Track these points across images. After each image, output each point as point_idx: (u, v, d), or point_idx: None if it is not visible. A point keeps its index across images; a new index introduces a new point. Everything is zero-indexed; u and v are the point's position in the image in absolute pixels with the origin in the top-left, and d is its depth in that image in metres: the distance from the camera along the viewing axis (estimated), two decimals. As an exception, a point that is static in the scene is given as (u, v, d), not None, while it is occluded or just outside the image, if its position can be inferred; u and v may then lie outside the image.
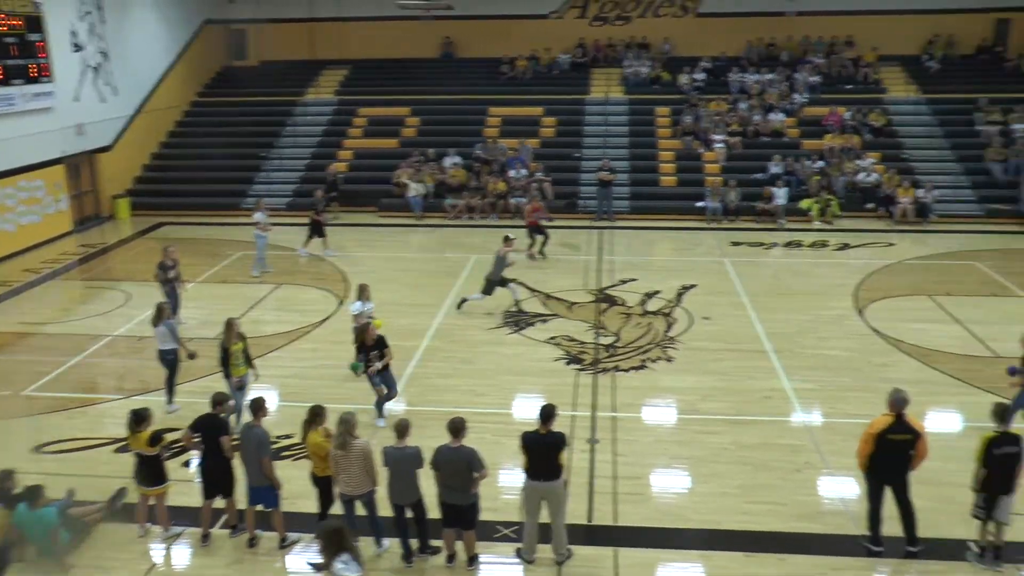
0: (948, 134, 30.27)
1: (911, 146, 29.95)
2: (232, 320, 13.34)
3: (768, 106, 31.27)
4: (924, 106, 31.61)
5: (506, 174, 28.36)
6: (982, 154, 28.97)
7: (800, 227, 26.25)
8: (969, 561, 10.09)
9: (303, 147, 31.55)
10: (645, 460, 12.51)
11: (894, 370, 15.52)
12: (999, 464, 9.72)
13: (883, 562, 10.16)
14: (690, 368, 15.78)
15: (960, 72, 33.28)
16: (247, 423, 10.43)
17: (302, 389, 14.57)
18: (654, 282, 20.60)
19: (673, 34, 34.85)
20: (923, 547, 10.20)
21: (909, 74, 33.11)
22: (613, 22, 35.30)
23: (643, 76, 33.27)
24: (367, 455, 9.84)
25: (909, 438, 9.78)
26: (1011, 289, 20.23)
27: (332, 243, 23.51)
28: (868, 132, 30.06)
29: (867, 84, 32.65)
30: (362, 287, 15.45)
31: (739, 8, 33.87)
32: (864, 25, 33.83)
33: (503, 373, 15.57)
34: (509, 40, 34.58)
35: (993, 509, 9.88)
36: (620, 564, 10.15)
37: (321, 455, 10.12)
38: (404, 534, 10.09)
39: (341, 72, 35.22)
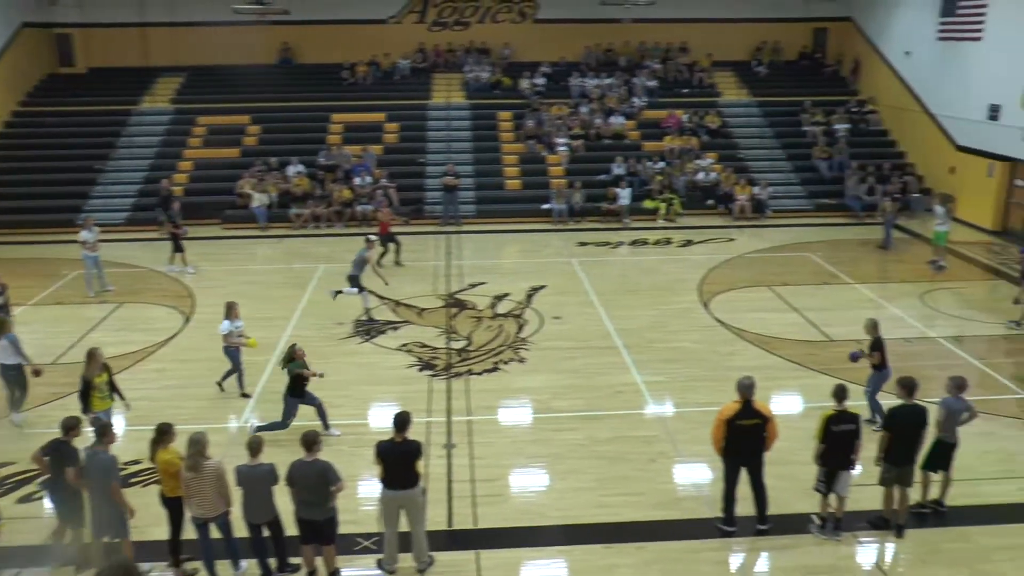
0: (778, 134, 31.78)
1: (745, 146, 31.29)
2: (95, 350, 12.34)
3: (609, 110, 31.93)
4: (755, 108, 33.06)
5: (351, 182, 27.90)
6: (809, 152, 30.53)
7: (644, 226, 26.88)
8: (812, 533, 10.53)
9: (140, 158, 29.97)
10: (502, 461, 12.45)
11: (739, 358, 16.08)
12: (837, 440, 10.19)
13: (736, 541, 10.47)
14: (543, 368, 15.84)
15: (786, 77, 35.07)
16: (90, 449, 9.67)
17: (149, 411, 13.63)
18: (503, 285, 20.64)
19: (512, 39, 35.15)
20: (772, 524, 10.54)
21: (740, 79, 34.57)
22: (452, 27, 35.31)
23: (484, 81, 33.41)
24: (220, 476, 9.38)
25: (758, 422, 10.10)
26: (841, 277, 21.31)
27: (181, 259, 22.36)
28: (705, 134, 31.13)
29: (702, 88, 33.86)
30: (230, 305, 14.60)
31: (576, 15, 34.44)
32: (697, 32, 35.10)
33: (356, 383, 15.21)
34: (348, 46, 33.98)
35: (833, 483, 10.34)
36: (482, 567, 10.05)
37: (171, 473, 9.55)
38: (262, 554, 9.70)
39: (177, 79, 33.74)
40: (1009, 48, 24.95)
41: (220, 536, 9.65)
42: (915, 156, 30.13)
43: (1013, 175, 25.53)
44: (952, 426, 10.74)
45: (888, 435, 10.40)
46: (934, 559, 10.16)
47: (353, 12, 33.85)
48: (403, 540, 9.89)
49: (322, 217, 26.88)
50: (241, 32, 32.78)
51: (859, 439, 10.29)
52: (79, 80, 33.64)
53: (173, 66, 33.94)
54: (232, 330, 14.37)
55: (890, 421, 10.44)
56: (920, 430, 10.36)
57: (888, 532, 10.59)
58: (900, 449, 10.37)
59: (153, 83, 33.25)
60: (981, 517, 10.99)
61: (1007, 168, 25.53)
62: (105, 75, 33.55)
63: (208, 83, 33.43)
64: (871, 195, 27.69)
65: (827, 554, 10.24)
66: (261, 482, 9.37)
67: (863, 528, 10.66)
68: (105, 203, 27.56)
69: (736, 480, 10.45)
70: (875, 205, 26.86)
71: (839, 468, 10.32)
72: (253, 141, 30.81)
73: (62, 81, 33.58)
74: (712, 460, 11.92)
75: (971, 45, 26.83)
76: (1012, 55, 24.76)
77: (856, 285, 20.66)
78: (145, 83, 33.09)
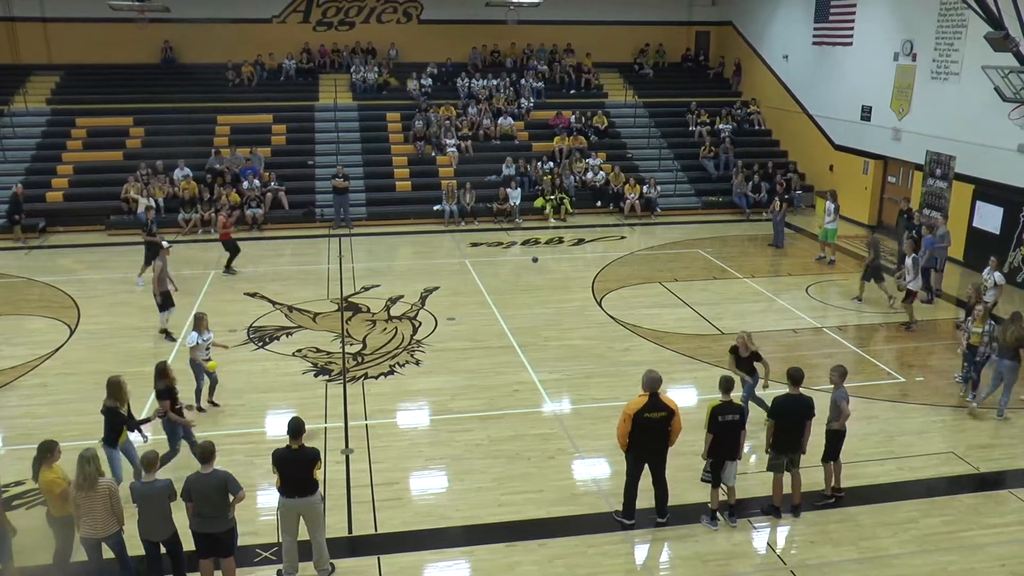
0: (665, 134, 32.52)
1: (633, 146, 31.91)
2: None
3: (497, 110, 32.08)
4: (642, 109, 33.70)
5: (240, 185, 27.29)
6: (696, 152, 31.32)
7: (536, 225, 27.15)
8: (705, 525, 10.83)
9: (15, 162, 28.54)
10: (401, 464, 12.37)
11: (633, 353, 16.40)
12: (723, 431, 10.50)
13: (635, 534, 10.67)
14: (439, 369, 15.81)
15: (671, 78, 36.01)
16: None
17: (33, 429, 13.05)
18: (397, 287, 20.51)
19: (398, 40, 35.01)
20: (670, 515, 10.79)
21: (626, 80, 35.19)
22: (337, 27, 34.92)
23: (371, 82, 33.13)
24: (113, 494, 9.03)
25: (664, 415, 10.28)
26: (730, 272, 21.93)
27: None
28: (593, 134, 31.59)
29: (589, 89, 34.36)
30: (199, 317, 13.97)
31: (461, 16, 34.57)
32: (581, 34, 35.72)
33: (250, 391, 14.86)
34: (232, 45, 33.24)
35: (720, 474, 10.68)
36: (384, 572, 9.95)
37: (56, 492, 9.15)
38: (158, 572, 9.39)
39: (51, 79, 32.24)
40: (877, 52, 26.17)
41: (112, 556, 9.30)
42: (796, 155, 31.31)
43: (885, 172, 26.79)
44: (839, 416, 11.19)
45: (774, 423, 10.77)
46: (822, 539, 10.58)
47: (236, 11, 33.19)
48: (303, 549, 9.72)
49: (211, 222, 26.19)
50: (120, 29, 31.67)
51: (743, 429, 10.64)
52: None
53: (47, 64, 32.54)
54: (199, 343, 13.73)
55: (776, 410, 10.80)
56: (804, 420, 10.74)
57: (778, 517, 10.97)
58: (786, 437, 10.75)
59: (25, 82, 31.76)
60: (864, 497, 11.49)
61: (880, 166, 26.78)
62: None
63: (87, 83, 32.17)
64: (757, 192, 28.60)
65: (722, 541, 10.54)
66: (158, 499, 9.04)
67: (756, 514, 11.02)
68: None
69: (639, 475, 10.64)
70: (761, 202, 27.72)
71: (725, 458, 10.65)
72: (136, 144, 29.75)
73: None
74: (610, 454, 12.17)
75: (843, 49, 28.04)
76: (880, 59, 25.98)
77: (745, 279, 21.29)
78: (16, 82, 31.54)
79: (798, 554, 10.37)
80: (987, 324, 14.02)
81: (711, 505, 10.88)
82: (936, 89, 23.82)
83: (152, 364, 15.09)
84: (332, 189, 26.85)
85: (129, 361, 15.98)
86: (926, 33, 24.04)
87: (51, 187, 27.72)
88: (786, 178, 28.91)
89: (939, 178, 23.81)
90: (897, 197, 24.81)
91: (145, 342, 17.02)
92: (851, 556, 10.27)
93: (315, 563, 9.78)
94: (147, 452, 9.22)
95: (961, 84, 22.76)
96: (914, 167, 25.12)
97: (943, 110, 23.55)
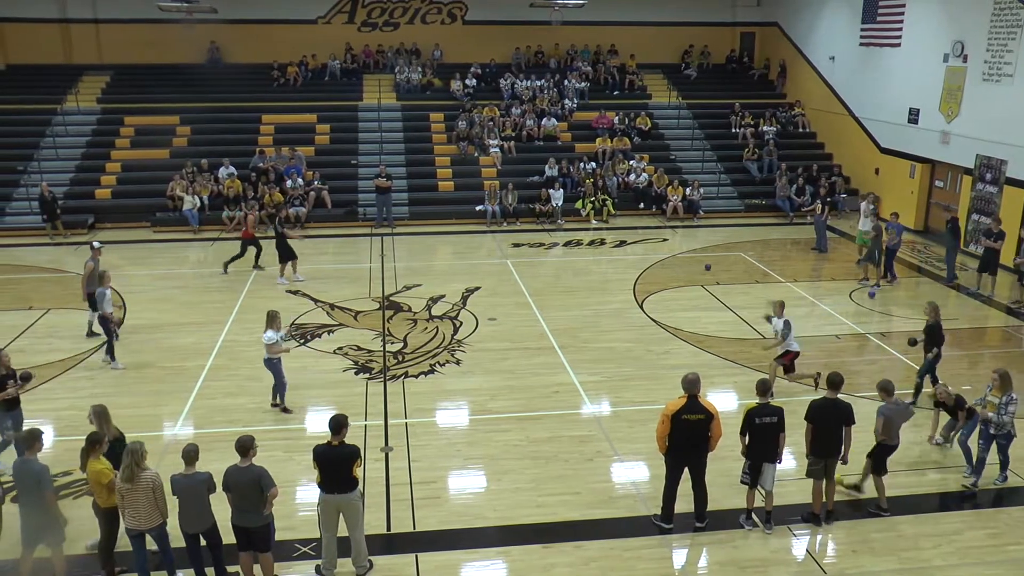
0: (708, 137, 32.26)
1: (676, 148, 31.71)
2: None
3: (540, 111, 32.07)
4: (685, 111, 33.50)
5: (283, 183, 27.56)
6: (740, 154, 31.04)
7: (578, 227, 27.09)
8: (744, 527, 10.73)
9: (66, 160, 29.17)
10: (439, 463, 12.40)
11: (673, 357, 16.31)
12: (761, 433, 10.40)
13: (673, 538, 10.59)
14: (478, 369, 15.84)
15: (715, 80, 35.74)
16: (20, 458, 9.41)
17: (79, 421, 13.24)
18: (438, 286, 20.58)
19: (442, 41, 35.15)
20: (708, 520, 10.70)
21: (670, 81, 35.01)
22: (381, 28, 35.14)
23: (415, 82, 33.30)
24: (157, 487, 9.16)
25: (702, 418, 10.20)
26: (772, 276, 21.73)
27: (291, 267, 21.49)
28: (636, 135, 31.45)
29: (632, 91, 34.22)
30: (272, 315, 13.88)
31: (505, 17, 34.60)
32: (626, 35, 35.57)
33: (292, 387, 14.87)
34: (277, 46, 33.63)
35: (758, 477, 10.57)
36: (421, 570, 9.99)
37: (103, 483, 9.31)
38: (198, 563, 9.52)
39: (102, 78, 32.90)
40: (926, 54, 25.74)
41: (156, 547, 9.44)
42: (841, 158, 30.90)
43: (933, 176, 26.35)
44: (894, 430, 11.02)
45: (811, 428, 10.66)
46: (863, 548, 10.42)
47: (282, 12, 33.53)
48: (342, 545, 9.79)
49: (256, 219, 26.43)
50: (168, 30, 32.12)
51: (782, 432, 10.51)
52: (-3, 77, 32.68)
53: (98, 64, 33.16)
54: (279, 340, 13.76)
55: (812, 414, 10.68)
56: (841, 425, 10.60)
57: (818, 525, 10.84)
58: (823, 442, 10.63)
59: (77, 81, 32.41)
60: (907, 506, 11.30)
61: (927, 169, 26.34)
62: (26, 72, 32.59)
63: (135, 82, 32.71)
64: (800, 196, 28.28)
65: (760, 547, 10.43)
66: (197, 491, 9.17)
67: (795, 522, 10.89)
68: (30, 206, 26.72)
69: (678, 479, 10.57)
70: (805, 206, 27.41)
71: (763, 461, 10.54)
72: (183, 142, 30.23)
73: (-21, 78, 32.57)
74: (649, 458, 12.10)
75: (891, 51, 27.63)
76: (929, 60, 25.55)
77: (787, 283, 21.07)
78: (69, 81, 32.23)
79: (838, 563, 10.22)
80: (1007, 395, 11.57)
81: (747, 505, 10.79)
82: (987, 91, 23.38)
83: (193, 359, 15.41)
84: (375, 188, 27.02)
85: (171, 356, 16.25)
86: (978, 34, 23.59)
87: (99, 184, 28.30)
88: (830, 181, 28.57)
89: (989, 183, 23.38)
90: (946, 202, 24.42)
91: (187, 337, 17.23)
92: (892, 566, 10.10)
93: (353, 559, 9.84)
94: (188, 445, 9.34)
95: (1015, 86, 22.30)
96: (963, 171, 24.66)
97: (995, 113, 23.10)
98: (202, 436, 12.55)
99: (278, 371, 13.94)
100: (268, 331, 13.68)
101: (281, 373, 13.98)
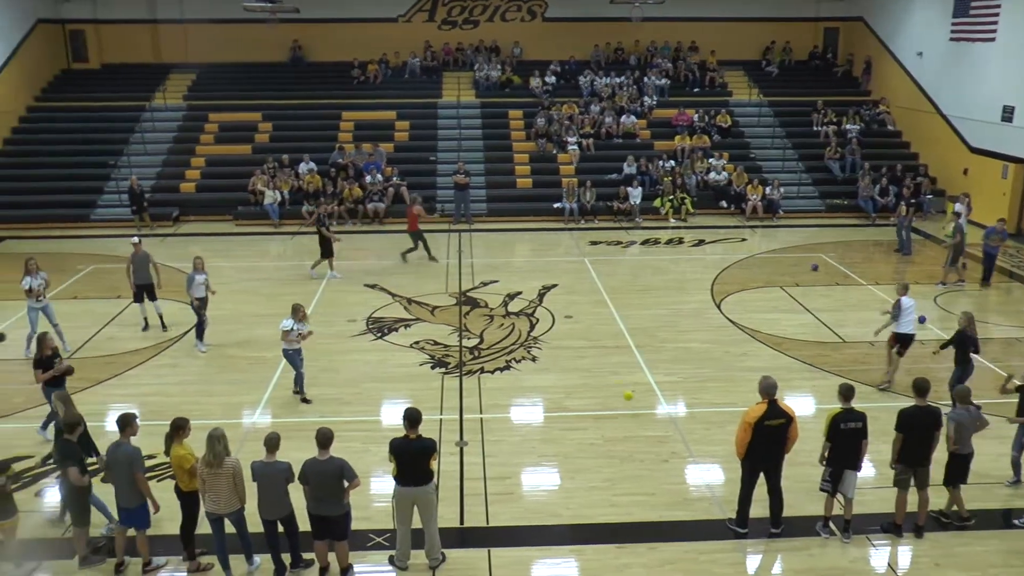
0: (789, 134, 31.67)
1: (757, 146, 31.24)
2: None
3: (619, 108, 31.90)
4: (766, 108, 32.98)
5: (362, 179, 27.94)
6: (822, 153, 30.41)
7: (656, 225, 26.89)
8: (820, 535, 10.51)
9: (153, 154, 30.16)
10: (514, 459, 12.44)
11: (751, 359, 16.07)
12: (844, 439, 10.17)
13: (748, 543, 10.43)
14: (554, 366, 15.83)
15: (797, 76, 35.09)
16: (115, 441, 9.74)
17: (163, 406, 13.77)
18: (515, 283, 20.64)
19: (522, 38, 35.23)
20: (784, 526, 10.51)
21: (751, 78, 34.49)
22: (461, 26, 35.37)
23: (494, 80, 33.43)
24: (237, 473, 9.41)
25: (783, 422, 10.05)
26: (853, 278, 21.24)
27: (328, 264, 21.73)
28: (716, 133, 31.07)
29: (713, 88, 33.81)
30: (296, 307, 14.26)
31: (585, 13, 34.51)
32: (706, 31, 35.17)
33: (368, 380, 15.23)
34: (358, 44, 34.14)
35: (839, 483, 10.33)
36: (493, 565, 10.04)
37: (185, 468, 9.58)
38: (275, 549, 9.72)
39: (188, 76, 33.93)
40: (1022, 49, 24.82)
41: (234, 531, 9.68)
42: (928, 157, 30.02)
43: (1027, 176, 25.45)
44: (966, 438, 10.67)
45: (901, 437, 10.36)
46: (948, 562, 10.10)
47: (363, 11, 33.99)
48: (416, 537, 9.90)
49: (334, 214, 26.91)
50: (251, 30, 32.86)
51: (865, 439, 10.25)
52: (92, 76, 33.87)
53: (184, 63, 34.10)
54: (294, 328, 14.01)
55: (903, 423, 10.39)
56: (932, 431, 10.32)
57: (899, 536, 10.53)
58: (913, 450, 10.33)
59: (165, 79, 33.41)
60: (996, 521, 10.93)
61: (1021, 170, 25.41)
62: (118, 71, 33.82)
63: (220, 80, 33.54)
64: (884, 196, 27.59)
65: (838, 557, 10.19)
66: (276, 479, 9.38)
67: (875, 532, 10.62)
68: (119, 199, 27.65)
69: (754, 483, 10.40)
70: (888, 206, 26.73)
71: (845, 467, 10.30)
72: (265, 138, 30.91)
73: (76, 77, 33.80)
74: (725, 460, 11.95)
75: (984, 46, 26.73)
76: (1026, 56, 24.66)
77: (869, 286, 20.58)
78: (157, 79, 33.27)
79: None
80: None
81: (824, 513, 10.57)
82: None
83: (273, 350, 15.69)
84: (453, 185, 27.21)
85: (251, 346, 16.61)
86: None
87: (184, 178, 29.16)
88: (915, 181, 27.82)
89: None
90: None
91: (267, 328, 17.54)
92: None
93: (427, 552, 9.93)
94: (270, 433, 9.54)
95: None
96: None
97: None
98: (280, 425, 12.81)
99: (294, 361, 14.25)
100: (287, 319, 14.05)
101: (298, 363, 14.27)
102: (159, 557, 9.98)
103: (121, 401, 13.93)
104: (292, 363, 14.32)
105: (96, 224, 27.05)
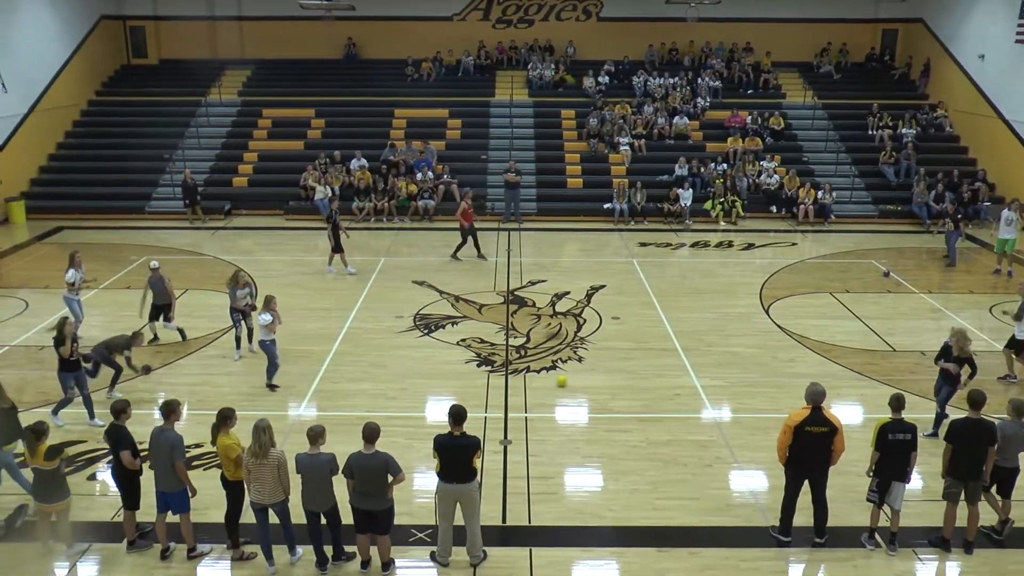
0: (843, 138, 31.27)
1: (810, 149, 30.88)
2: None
3: (672, 109, 31.76)
4: (820, 111, 32.59)
5: (413, 176, 28.14)
6: (876, 157, 29.98)
7: (706, 228, 26.75)
8: (865, 546, 10.37)
9: (208, 148, 30.77)
10: (557, 459, 12.46)
11: (798, 365, 15.92)
12: (893, 450, 10.01)
13: (791, 552, 10.32)
14: (600, 367, 15.82)
15: (853, 79, 34.61)
16: (158, 427, 9.97)
17: (211, 396, 14.10)
18: (563, 283, 20.66)
19: (576, 38, 35.22)
20: (828, 536, 10.40)
21: (805, 80, 34.12)
22: (516, 25, 35.46)
23: (547, 79, 33.47)
24: (282, 464, 9.57)
25: (826, 431, 9.88)
26: (905, 286, 20.92)
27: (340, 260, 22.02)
28: (769, 135, 30.78)
29: (767, 89, 33.51)
30: (267, 298, 14.65)
31: (640, 13, 34.41)
32: (761, 32, 34.86)
33: (413, 376, 15.35)
34: (412, 42, 34.45)
35: (886, 495, 10.18)
36: (535, 564, 10.07)
37: (231, 457, 9.77)
38: (318, 541, 9.86)
39: (244, 72, 34.50)
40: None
41: (278, 521, 9.84)
42: (987, 163, 29.43)
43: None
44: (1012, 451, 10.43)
45: (951, 449, 10.20)
46: (996, 578, 9.96)
47: (417, 9, 34.26)
48: (458, 534, 9.97)
49: (384, 211, 27.17)
50: (307, 27, 33.36)
51: (915, 451, 10.09)
52: (151, 71, 34.58)
53: (240, 59, 34.64)
54: (271, 320, 14.37)
55: (953, 434, 10.23)
56: (985, 445, 10.12)
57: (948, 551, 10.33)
58: (964, 463, 10.16)
59: (221, 75, 33.96)
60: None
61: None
62: (176, 67, 34.45)
63: (274, 76, 34.11)
64: (939, 203, 27.10)
65: (883, 569, 10.05)
66: (321, 471, 9.51)
67: (922, 545, 10.45)
68: (173, 191, 28.22)
69: (798, 491, 10.28)
70: (944, 213, 26.30)
71: (893, 479, 10.15)
72: (317, 134, 31.28)
73: (135, 72, 34.55)
74: (769, 467, 11.86)
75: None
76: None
77: (921, 294, 20.28)
78: (213, 75, 33.80)
79: (966, 591, 9.81)
80: None
81: (871, 524, 10.43)
82: None
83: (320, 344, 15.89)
84: (504, 183, 27.30)
85: (298, 340, 16.80)
86: None
87: (237, 172, 29.65)
88: (972, 188, 27.31)
89: None
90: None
91: (315, 323, 17.81)
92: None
93: (468, 549, 9.99)
94: (315, 426, 9.68)
95: None
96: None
97: None
98: (325, 419, 12.96)
99: (272, 351, 14.50)
100: (264, 313, 14.42)
101: (275, 355, 14.52)
102: (204, 544, 10.18)
103: (170, 390, 14.25)
104: (270, 354, 14.55)
105: (150, 216, 27.66)
